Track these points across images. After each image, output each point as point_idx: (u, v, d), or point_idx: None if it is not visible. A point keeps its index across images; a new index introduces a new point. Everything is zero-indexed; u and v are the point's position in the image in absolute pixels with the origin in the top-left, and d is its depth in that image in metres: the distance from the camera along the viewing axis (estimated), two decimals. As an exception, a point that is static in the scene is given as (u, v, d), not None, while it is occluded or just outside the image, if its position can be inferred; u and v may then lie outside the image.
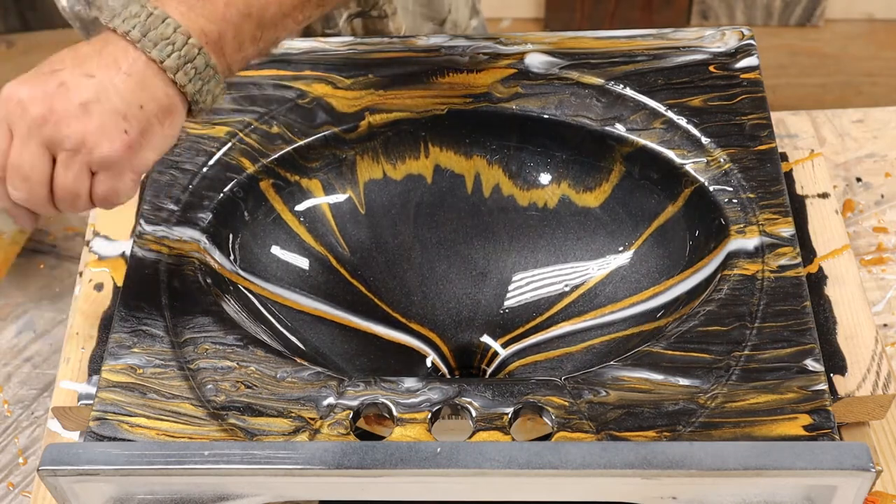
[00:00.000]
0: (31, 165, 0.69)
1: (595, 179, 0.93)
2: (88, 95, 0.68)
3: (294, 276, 0.91)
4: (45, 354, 1.01)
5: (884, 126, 1.15)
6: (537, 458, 0.65)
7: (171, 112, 0.71)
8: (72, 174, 0.69)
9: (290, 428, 0.73)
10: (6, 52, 2.34)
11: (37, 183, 0.69)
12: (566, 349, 0.88)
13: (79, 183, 0.69)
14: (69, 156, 0.68)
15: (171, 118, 0.71)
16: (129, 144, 0.69)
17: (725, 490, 0.67)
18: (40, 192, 0.70)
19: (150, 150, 0.71)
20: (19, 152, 0.69)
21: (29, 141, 0.68)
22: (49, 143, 0.68)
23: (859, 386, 0.79)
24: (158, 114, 0.70)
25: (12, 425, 0.96)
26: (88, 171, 0.69)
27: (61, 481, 0.67)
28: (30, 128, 0.68)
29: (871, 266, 1.02)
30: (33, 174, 0.69)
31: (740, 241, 0.83)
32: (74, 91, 0.68)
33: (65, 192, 0.70)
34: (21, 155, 0.69)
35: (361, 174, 0.95)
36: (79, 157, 0.68)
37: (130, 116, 0.68)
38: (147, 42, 0.69)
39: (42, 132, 0.68)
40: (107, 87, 0.68)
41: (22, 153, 0.68)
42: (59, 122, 0.67)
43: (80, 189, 0.70)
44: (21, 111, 0.68)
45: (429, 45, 0.98)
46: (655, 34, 0.97)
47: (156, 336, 0.79)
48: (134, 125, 0.69)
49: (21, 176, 0.69)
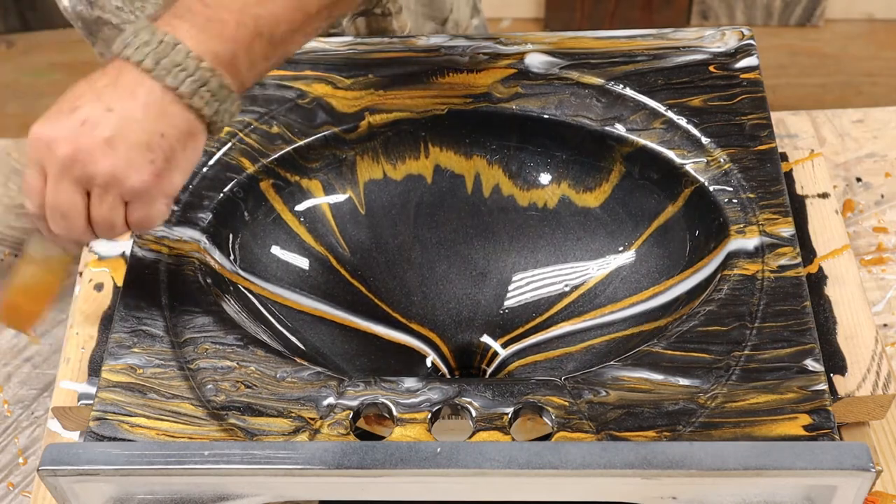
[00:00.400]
0: (68, 203, 0.71)
1: (595, 179, 0.93)
2: (111, 131, 0.70)
3: (294, 276, 0.91)
4: (45, 354, 1.01)
5: (884, 126, 1.15)
6: (537, 458, 0.65)
7: (191, 135, 0.72)
8: (106, 206, 0.72)
9: (290, 428, 0.73)
10: (6, 52, 2.34)
11: (75, 218, 0.72)
12: (566, 349, 0.88)
13: (114, 213, 0.72)
14: (102, 191, 0.71)
15: (193, 141, 0.73)
16: (157, 173, 0.71)
17: (725, 490, 0.67)
18: (79, 226, 0.73)
19: (177, 174, 0.73)
20: (55, 192, 0.71)
21: (62, 180, 0.71)
22: (81, 181, 0.71)
23: (859, 386, 0.79)
24: (180, 139, 0.72)
25: (12, 425, 0.96)
26: (122, 201, 0.72)
27: (61, 481, 0.67)
28: (61, 168, 0.70)
29: (871, 266, 1.02)
30: (71, 211, 0.72)
31: (740, 241, 0.83)
32: (97, 128, 0.70)
33: (102, 223, 0.73)
34: (57, 195, 0.71)
35: (361, 174, 0.95)
36: (111, 191, 0.71)
37: (154, 146, 0.70)
38: (161, 70, 0.70)
39: (73, 171, 0.70)
40: (128, 120, 0.70)
41: (57, 193, 0.71)
42: (87, 161, 0.70)
43: (115, 219, 0.72)
44: (50, 152, 0.70)
45: (429, 45, 0.98)
46: (655, 34, 0.97)
47: (156, 336, 0.79)
48: (159, 154, 0.71)
49: (60, 214, 0.72)
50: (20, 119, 2.22)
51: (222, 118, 0.74)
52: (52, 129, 0.70)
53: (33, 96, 2.26)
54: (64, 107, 0.71)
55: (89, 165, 0.70)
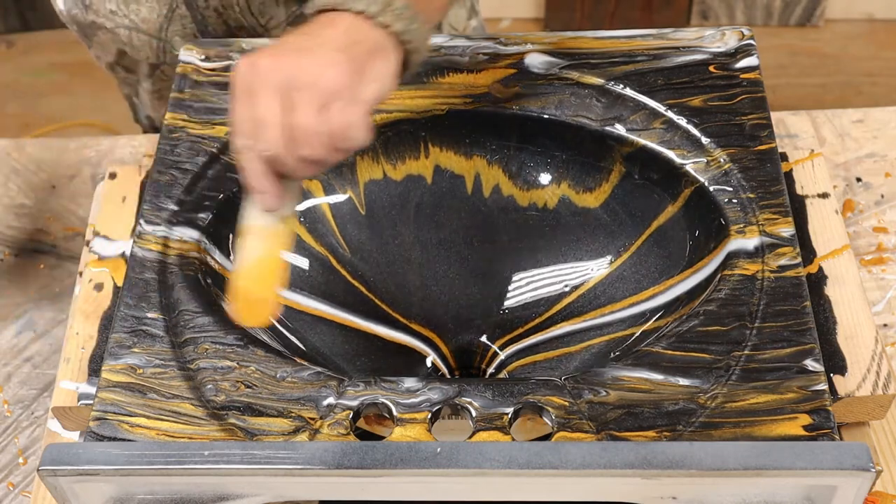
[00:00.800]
0: (267, 111, 0.72)
1: (595, 180, 0.93)
2: (308, 43, 0.74)
3: (294, 276, 0.91)
4: (45, 354, 1.01)
5: (884, 126, 1.15)
6: (537, 458, 0.65)
7: (383, 49, 0.75)
8: (306, 112, 0.72)
9: (290, 428, 0.73)
10: (6, 52, 2.34)
11: (274, 126, 0.72)
12: (566, 349, 0.89)
13: (314, 120, 0.72)
14: (300, 94, 0.72)
15: (384, 55, 0.75)
16: (350, 73, 0.72)
17: (725, 490, 0.67)
18: (282, 139, 0.72)
19: (373, 81, 0.74)
20: (255, 107, 0.73)
21: (264, 92, 0.72)
22: (281, 89, 0.72)
23: (859, 386, 0.79)
24: (371, 49, 0.74)
25: (12, 425, 0.96)
26: (321, 105, 0.72)
27: (61, 481, 0.67)
28: (263, 81, 0.72)
29: (871, 266, 1.02)
30: (270, 118, 0.72)
31: (740, 241, 0.83)
32: (295, 43, 0.74)
33: (304, 133, 0.72)
34: (258, 107, 0.72)
35: (361, 174, 0.95)
36: (309, 92, 0.72)
37: (348, 49, 0.73)
38: (348, 2, 0.75)
39: (273, 80, 0.72)
40: (322, 35, 0.74)
41: (258, 105, 0.72)
42: (286, 66, 0.72)
43: (316, 126, 0.72)
44: (254, 70, 0.73)
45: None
46: (655, 34, 0.97)
47: (156, 336, 0.79)
48: (352, 56, 0.73)
49: (261, 124, 0.72)
50: (20, 119, 2.22)
51: (413, 37, 0.77)
52: (257, 55, 0.74)
53: (33, 96, 2.26)
54: (270, 46, 0.75)
55: (288, 70, 0.72)
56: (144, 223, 0.86)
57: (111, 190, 0.96)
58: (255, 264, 0.76)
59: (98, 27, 1.11)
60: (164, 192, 0.88)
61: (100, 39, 1.14)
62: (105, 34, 1.12)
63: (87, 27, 1.12)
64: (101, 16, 1.09)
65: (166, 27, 1.10)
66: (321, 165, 0.74)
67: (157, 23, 1.09)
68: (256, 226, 0.76)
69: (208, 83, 0.96)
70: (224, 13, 1.08)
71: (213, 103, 0.94)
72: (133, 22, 1.09)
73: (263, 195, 0.74)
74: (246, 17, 1.09)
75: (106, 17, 1.09)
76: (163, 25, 1.10)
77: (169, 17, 1.09)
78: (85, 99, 2.26)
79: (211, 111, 0.93)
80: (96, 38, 1.14)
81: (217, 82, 0.95)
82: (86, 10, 1.10)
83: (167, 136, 0.92)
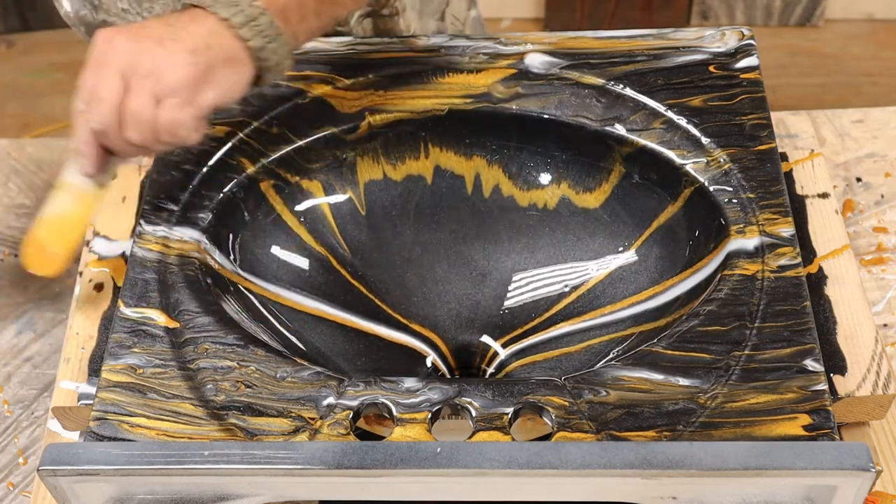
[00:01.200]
0: (106, 88, 0.76)
1: (595, 180, 0.93)
2: (164, 33, 0.77)
3: (294, 276, 0.91)
4: (45, 354, 1.01)
5: (884, 126, 1.15)
6: (537, 458, 0.65)
7: (236, 61, 0.78)
8: (141, 98, 0.76)
9: (290, 428, 0.73)
10: (6, 52, 2.34)
11: (108, 103, 0.76)
12: (566, 349, 0.89)
13: (145, 108, 0.76)
14: (140, 80, 0.75)
15: (236, 67, 0.78)
16: (194, 75, 0.76)
17: (725, 490, 0.67)
18: (111, 116, 0.76)
19: (213, 90, 0.77)
20: (97, 79, 0.77)
21: (110, 69, 0.76)
22: (126, 71, 0.76)
23: (859, 386, 0.79)
24: (224, 59, 0.78)
25: (12, 425, 0.96)
26: (156, 97, 0.76)
27: (61, 481, 0.67)
28: (113, 58, 0.76)
29: (871, 266, 1.02)
30: (107, 95, 0.76)
31: (740, 241, 0.83)
32: (156, 30, 0.77)
33: (133, 118, 0.76)
34: (100, 81, 0.76)
35: (362, 175, 0.95)
36: (148, 83, 0.75)
37: (198, 52, 0.76)
38: (218, 6, 0.78)
39: (121, 60, 0.76)
40: (180, 30, 0.77)
41: (101, 79, 0.76)
42: (135, 51, 0.76)
43: (146, 114, 0.76)
44: (109, 47, 0.77)
45: (429, 45, 0.98)
46: (655, 34, 0.97)
47: (156, 336, 0.79)
48: (200, 60, 0.76)
49: (98, 99, 0.76)
50: (20, 119, 2.22)
51: (269, 57, 0.79)
52: (117, 30, 0.78)
53: (33, 96, 2.26)
54: (134, 25, 0.79)
55: (138, 55, 0.75)
56: (144, 223, 0.86)
57: (111, 190, 0.96)
58: (57, 219, 0.82)
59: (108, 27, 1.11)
60: (164, 192, 0.88)
61: None
62: None
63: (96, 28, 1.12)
64: (112, 15, 1.09)
65: None
66: (144, 151, 0.79)
67: None
68: (72, 184, 0.82)
69: (208, 83, 0.95)
70: None
71: (213, 103, 0.94)
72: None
73: (84, 161, 0.80)
74: None
75: (118, 15, 1.09)
76: None
77: None
78: (85, 99, 2.25)
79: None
80: None
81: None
82: (96, 11, 1.10)
83: (167, 136, 0.92)
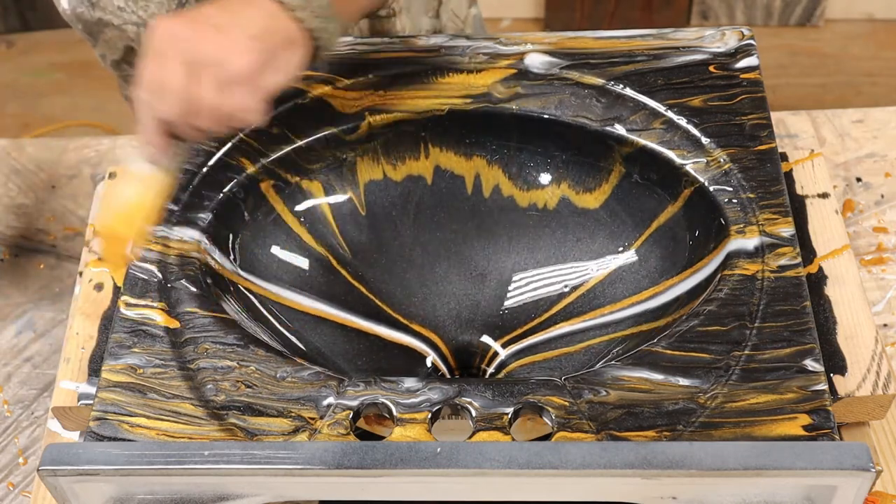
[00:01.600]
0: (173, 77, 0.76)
1: (595, 180, 0.93)
2: (226, 21, 0.77)
3: (294, 276, 0.91)
4: (45, 354, 1.01)
5: (884, 126, 1.15)
6: (537, 458, 0.65)
7: (294, 42, 0.79)
8: (207, 88, 0.76)
9: (290, 428, 0.73)
10: (6, 52, 2.34)
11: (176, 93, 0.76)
12: (566, 349, 0.89)
13: (212, 96, 0.76)
14: (207, 70, 0.75)
15: (294, 48, 0.79)
16: (257, 61, 0.76)
17: (725, 490, 0.67)
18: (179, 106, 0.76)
19: (275, 73, 0.78)
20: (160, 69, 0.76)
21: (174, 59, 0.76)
22: (190, 60, 0.75)
23: (859, 386, 0.79)
24: (283, 41, 0.78)
25: (12, 425, 0.96)
26: (223, 84, 0.76)
27: (61, 481, 0.67)
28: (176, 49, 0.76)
29: (871, 266, 1.02)
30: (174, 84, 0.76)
31: (740, 241, 0.83)
32: (214, 17, 0.77)
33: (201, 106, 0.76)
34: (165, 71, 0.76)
35: (362, 175, 0.95)
36: (215, 70, 0.75)
37: (259, 38, 0.77)
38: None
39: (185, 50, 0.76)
40: (240, 16, 0.77)
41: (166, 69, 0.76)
42: (198, 40, 0.76)
43: (214, 103, 0.76)
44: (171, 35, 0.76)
45: (429, 45, 0.98)
46: (655, 34, 0.97)
47: (156, 336, 0.79)
48: (262, 46, 0.77)
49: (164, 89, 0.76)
50: (20, 119, 2.22)
51: (323, 36, 0.81)
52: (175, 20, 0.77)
53: (33, 96, 2.26)
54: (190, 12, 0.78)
55: (201, 44, 0.75)
56: (144, 223, 0.86)
57: (111, 190, 0.96)
58: (126, 206, 0.81)
59: (105, 24, 1.11)
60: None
61: (106, 37, 1.13)
62: (112, 31, 1.12)
63: (93, 25, 1.12)
64: (108, 13, 1.09)
65: None
66: (210, 134, 0.80)
67: None
68: (139, 172, 0.81)
69: (208, 83, 0.96)
70: None
71: (213, 103, 0.94)
72: (142, 18, 1.09)
73: (151, 149, 0.80)
74: None
75: (114, 13, 1.09)
76: None
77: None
78: (85, 99, 2.26)
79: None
80: (102, 36, 1.14)
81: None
82: (92, 8, 1.10)
83: (167, 136, 0.92)
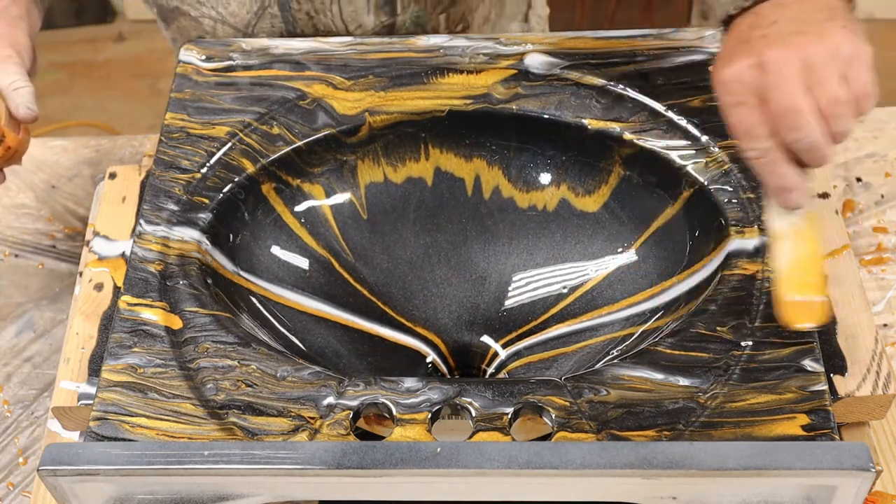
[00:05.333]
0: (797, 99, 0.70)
1: (595, 180, 0.93)
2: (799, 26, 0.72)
3: (295, 276, 0.91)
4: (45, 354, 1.01)
5: (884, 126, 1.15)
6: (537, 458, 0.65)
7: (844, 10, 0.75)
8: (833, 82, 0.70)
9: (290, 427, 0.73)
10: (6, 52, 2.34)
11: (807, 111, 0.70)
12: (566, 349, 0.89)
13: (842, 89, 0.71)
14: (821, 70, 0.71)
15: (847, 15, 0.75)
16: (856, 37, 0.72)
17: (725, 490, 0.67)
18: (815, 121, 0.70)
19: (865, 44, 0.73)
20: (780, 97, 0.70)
21: (785, 83, 0.70)
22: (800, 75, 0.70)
23: (859, 386, 0.79)
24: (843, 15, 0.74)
25: (12, 425, 0.96)
26: (841, 75, 0.71)
27: (61, 481, 0.67)
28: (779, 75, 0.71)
29: (871, 266, 1.02)
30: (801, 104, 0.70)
31: (740, 241, 0.83)
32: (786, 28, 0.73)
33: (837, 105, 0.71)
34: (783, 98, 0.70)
35: (362, 177, 0.95)
36: (829, 66, 0.71)
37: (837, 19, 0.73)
38: None
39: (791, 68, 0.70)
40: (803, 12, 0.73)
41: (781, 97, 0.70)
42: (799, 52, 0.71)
43: (846, 95, 0.71)
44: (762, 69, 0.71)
45: (429, 45, 0.98)
46: (655, 34, 0.97)
47: (156, 336, 0.79)
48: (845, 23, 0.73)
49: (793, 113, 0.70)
50: (20, 119, 2.22)
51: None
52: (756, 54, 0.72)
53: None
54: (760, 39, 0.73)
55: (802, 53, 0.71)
56: (144, 223, 0.86)
57: (111, 190, 0.96)
58: (796, 267, 0.74)
59: (181, 13, 1.10)
60: (164, 192, 0.88)
61: (180, 24, 1.12)
62: (187, 21, 1.10)
63: (169, 11, 1.11)
64: (185, 3, 1.08)
65: (254, 24, 1.08)
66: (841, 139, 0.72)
67: (245, 18, 1.08)
68: (785, 227, 0.74)
69: (208, 83, 0.96)
70: (315, 17, 1.07)
71: (213, 103, 0.94)
72: (220, 14, 1.08)
73: (791, 193, 0.72)
74: (336, 22, 1.07)
75: (192, 5, 1.08)
76: (251, 22, 1.08)
77: (259, 15, 1.07)
78: (85, 99, 2.26)
79: (211, 111, 0.93)
80: (176, 23, 1.12)
81: (217, 82, 0.96)
82: None
83: (167, 136, 0.92)
